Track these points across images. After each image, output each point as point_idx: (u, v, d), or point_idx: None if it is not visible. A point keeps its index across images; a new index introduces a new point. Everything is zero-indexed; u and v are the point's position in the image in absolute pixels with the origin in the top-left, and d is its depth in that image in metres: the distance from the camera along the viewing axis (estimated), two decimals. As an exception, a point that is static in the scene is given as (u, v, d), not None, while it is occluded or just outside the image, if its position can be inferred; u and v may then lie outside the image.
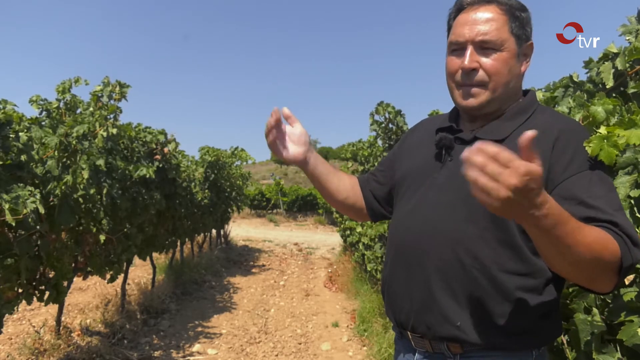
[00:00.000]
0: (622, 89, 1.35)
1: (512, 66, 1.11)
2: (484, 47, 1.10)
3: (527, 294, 1.06)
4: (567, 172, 1.02)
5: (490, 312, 1.07)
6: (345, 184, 1.40)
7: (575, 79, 1.51)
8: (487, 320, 1.07)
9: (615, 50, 1.36)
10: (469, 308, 1.08)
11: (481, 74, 1.11)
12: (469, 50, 1.11)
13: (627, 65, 1.29)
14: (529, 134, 0.73)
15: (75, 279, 4.07)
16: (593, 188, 1.00)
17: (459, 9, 1.16)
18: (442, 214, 1.12)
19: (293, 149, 1.30)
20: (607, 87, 1.36)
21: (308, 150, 1.32)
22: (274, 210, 22.49)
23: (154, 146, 4.53)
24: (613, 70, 1.34)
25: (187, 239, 6.69)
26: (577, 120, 1.28)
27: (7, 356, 3.47)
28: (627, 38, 1.37)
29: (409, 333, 1.19)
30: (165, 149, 4.64)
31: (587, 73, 1.52)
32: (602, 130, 1.09)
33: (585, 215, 0.95)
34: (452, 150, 1.17)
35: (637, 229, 1.21)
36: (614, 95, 1.35)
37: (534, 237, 0.87)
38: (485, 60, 1.10)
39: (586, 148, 1.06)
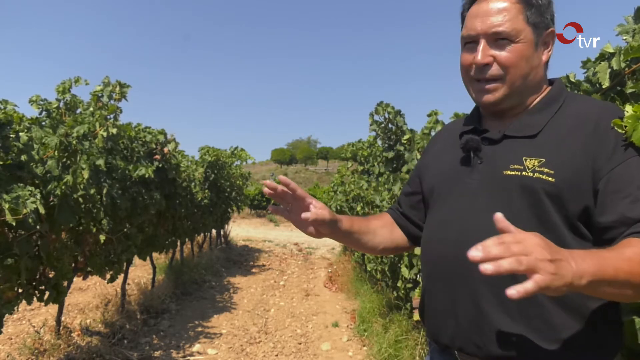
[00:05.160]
0: (619, 88, 1.35)
1: (530, 57, 1.04)
2: (498, 39, 1.04)
3: (587, 300, 0.96)
4: (612, 161, 0.95)
5: (548, 324, 0.96)
6: (381, 236, 1.30)
7: (572, 79, 1.51)
8: (544, 333, 0.96)
9: (611, 50, 1.35)
10: (523, 322, 0.97)
11: (495, 67, 1.05)
12: (482, 44, 1.05)
13: (624, 64, 1.28)
14: (500, 218, 0.78)
15: (75, 279, 4.08)
16: None
17: (472, 0, 1.10)
18: (481, 221, 1.01)
19: (316, 210, 1.14)
20: (604, 87, 1.35)
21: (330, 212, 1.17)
22: (274, 210, 22.44)
23: (154, 146, 4.53)
24: (609, 70, 1.33)
25: (187, 239, 6.69)
26: None
27: (7, 356, 3.47)
28: (624, 38, 1.37)
29: (455, 352, 1.08)
30: (165, 149, 4.64)
31: (584, 73, 1.52)
32: (629, 108, 0.99)
33: (629, 216, 0.92)
34: (480, 152, 1.09)
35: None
36: (611, 95, 1.35)
37: (583, 292, 0.83)
38: (500, 53, 1.04)
39: (617, 129, 0.97)
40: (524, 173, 1.00)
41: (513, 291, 0.71)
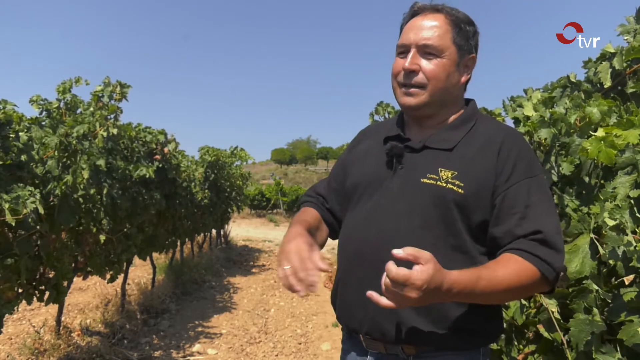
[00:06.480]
0: (619, 88, 1.35)
1: (451, 74, 1.18)
2: (426, 51, 1.17)
3: None
4: (510, 180, 1.12)
5: (444, 315, 1.13)
6: (323, 231, 1.37)
7: (573, 79, 1.51)
8: (441, 323, 1.13)
9: (612, 50, 1.35)
10: (424, 314, 1.13)
11: (420, 76, 1.17)
12: (412, 53, 1.18)
13: (625, 64, 1.29)
14: (398, 254, 0.94)
15: (75, 279, 4.08)
16: (531, 196, 1.11)
17: (412, 15, 1.23)
18: (397, 223, 1.15)
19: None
20: (605, 86, 1.35)
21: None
22: (274, 210, 22.48)
23: (154, 146, 4.53)
24: (610, 70, 1.34)
25: (187, 239, 6.68)
26: (572, 121, 1.30)
27: (7, 356, 3.47)
28: (625, 38, 1.37)
29: (360, 336, 1.22)
30: (165, 149, 4.64)
31: (585, 73, 1.52)
32: (600, 132, 1.09)
33: (514, 231, 1.08)
34: (402, 158, 1.21)
35: (636, 229, 1.21)
36: (612, 95, 1.35)
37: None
38: (426, 64, 1.17)
39: (584, 152, 1.07)
40: (438, 183, 1.14)
41: (372, 293, 0.98)
